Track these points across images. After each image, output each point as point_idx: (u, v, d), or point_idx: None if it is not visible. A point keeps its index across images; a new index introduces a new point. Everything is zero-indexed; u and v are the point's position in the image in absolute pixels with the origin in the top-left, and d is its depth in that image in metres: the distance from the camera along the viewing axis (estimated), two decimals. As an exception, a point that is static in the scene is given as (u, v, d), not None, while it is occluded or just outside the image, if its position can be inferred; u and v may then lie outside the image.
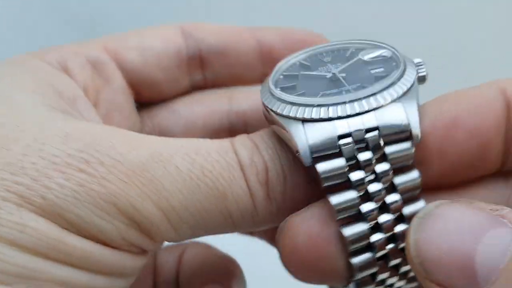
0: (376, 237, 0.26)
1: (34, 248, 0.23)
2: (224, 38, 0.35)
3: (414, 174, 0.26)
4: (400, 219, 0.26)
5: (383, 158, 0.26)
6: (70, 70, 0.32)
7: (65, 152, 0.25)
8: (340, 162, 0.25)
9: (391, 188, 0.26)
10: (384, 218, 0.26)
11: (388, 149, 0.25)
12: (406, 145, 0.25)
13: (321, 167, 0.25)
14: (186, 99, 0.36)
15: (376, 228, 0.26)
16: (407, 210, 0.26)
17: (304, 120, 0.26)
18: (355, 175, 0.25)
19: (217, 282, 0.35)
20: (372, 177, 0.26)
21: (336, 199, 0.25)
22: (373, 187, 0.26)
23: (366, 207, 0.26)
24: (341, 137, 0.25)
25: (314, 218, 0.26)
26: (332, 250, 0.26)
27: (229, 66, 0.35)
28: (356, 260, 0.26)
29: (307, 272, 0.26)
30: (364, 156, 0.25)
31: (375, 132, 0.25)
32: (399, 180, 0.26)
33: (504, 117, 0.26)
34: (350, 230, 0.25)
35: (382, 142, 0.25)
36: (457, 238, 0.22)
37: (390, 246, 0.26)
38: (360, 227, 0.26)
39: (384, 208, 0.26)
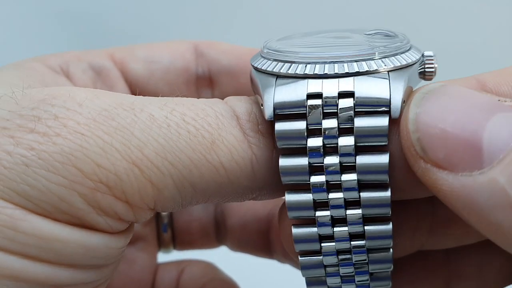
0: (320, 213, 0.24)
1: None
2: (236, 59, 0.34)
3: (382, 159, 0.23)
4: (352, 204, 0.24)
5: (350, 131, 0.23)
6: (71, 75, 0.32)
7: (17, 113, 0.22)
8: (300, 124, 0.23)
9: (349, 168, 0.23)
10: (335, 195, 0.24)
11: (359, 122, 0.23)
12: (381, 120, 0.23)
13: (279, 126, 0.23)
14: None
15: (321, 205, 0.24)
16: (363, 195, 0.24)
17: (278, 76, 0.24)
18: (313, 142, 0.23)
19: None
20: (330, 150, 0.23)
21: (285, 161, 0.23)
22: (328, 160, 0.23)
23: (315, 179, 0.24)
24: (310, 96, 0.23)
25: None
26: None
27: (238, 88, 0.34)
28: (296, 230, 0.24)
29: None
30: (329, 123, 0.23)
31: (350, 99, 0.23)
32: (361, 160, 0.23)
33: None
34: (293, 198, 0.24)
35: (352, 113, 0.23)
36: (464, 114, 0.21)
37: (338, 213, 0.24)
38: (304, 197, 0.24)
39: (334, 187, 0.24)
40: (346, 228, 0.24)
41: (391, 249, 0.25)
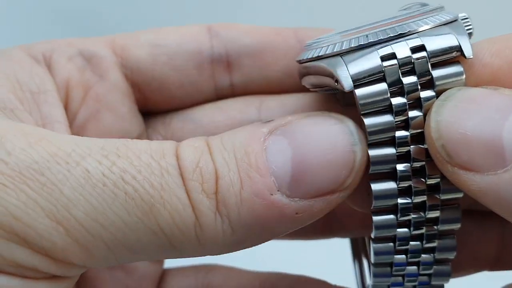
0: (401, 166, 0.24)
1: None
2: (260, 37, 0.31)
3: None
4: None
5: (429, 84, 0.24)
6: (53, 63, 0.29)
7: None
8: (382, 86, 0.23)
9: None
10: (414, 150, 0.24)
11: (436, 72, 0.24)
12: (456, 68, 0.24)
13: (360, 91, 0.23)
14: (207, 107, 0.31)
15: (404, 157, 0.24)
16: None
17: (343, 54, 0.24)
18: (397, 100, 0.24)
19: None
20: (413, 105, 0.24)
21: (370, 120, 0.24)
22: (413, 114, 0.24)
23: (401, 133, 0.24)
24: (384, 58, 0.23)
25: None
26: None
27: (263, 69, 0.31)
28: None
29: (360, 205, 0.26)
30: (409, 79, 0.23)
31: (423, 53, 0.23)
32: None
33: None
34: (376, 152, 0.24)
35: (429, 65, 0.23)
36: (482, 117, 0.22)
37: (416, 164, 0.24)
38: (388, 151, 0.24)
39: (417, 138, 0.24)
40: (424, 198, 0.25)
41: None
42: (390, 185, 0.25)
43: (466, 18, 0.26)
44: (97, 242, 0.22)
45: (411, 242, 0.26)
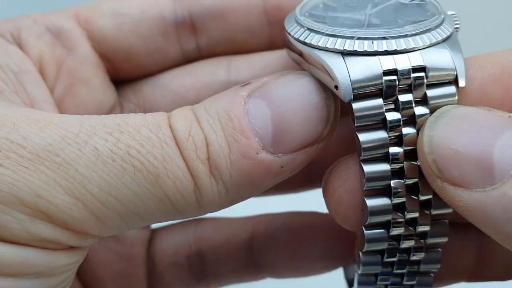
0: (395, 183, 0.25)
1: None
2: None
3: None
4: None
5: (423, 102, 0.24)
6: (23, 41, 0.29)
7: None
8: (378, 101, 0.24)
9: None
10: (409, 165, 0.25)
11: (431, 92, 0.24)
12: (450, 89, 0.24)
13: (358, 105, 0.24)
14: (176, 71, 0.32)
15: (397, 174, 0.25)
16: None
17: (345, 53, 0.24)
18: (392, 116, 0.24)
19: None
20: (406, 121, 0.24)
21: (364, 136, 0.24)
22: (406, 130, 0.24)
23: (394, 150, 0.24)
24: (386, 73, 0.24)
25: (354, 178, 0.25)
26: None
27: (227, 30, 0.31)
28: (371, 202, 0.25)
29: (350, 222, 0.26)
30: (405, 97, 0.24)
31: (422, 73, 0.24)
32: None
33: None
34: (370, 168, 0.25)
35: (425, 86, 0.24)
36: (475, 134, 0.22)
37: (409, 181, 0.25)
38: (382, 167, 0.25)
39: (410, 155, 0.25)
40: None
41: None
42: (385, 201, 0.25)
43: (454, 14, 0.27)
44: (111, 213, 0.23)
45: (398, 254, 0.27)
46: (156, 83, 0.32)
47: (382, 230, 0.26)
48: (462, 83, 0.24)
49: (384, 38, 0.24)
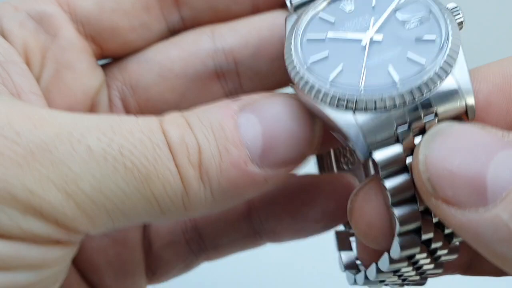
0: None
1: None
2: None
3: None
4: None
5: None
6: (6, 31, 0.29)
7: None
8: (397, 149, 0.24)
9: None
10: None
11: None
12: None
13: (379, 156, 0.24)
14: (160, 45, 0.31)
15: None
16: None
17: (354, 109, 0.24)
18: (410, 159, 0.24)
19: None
20: None
21: (391, 183, 0.25)
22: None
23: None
24: (399, 125, 0.24)
25: (378, 200, 0.26)
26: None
27: (212, 2, 0.31)
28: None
29: (380, 243, 0.27)
30: (418, 140, 0.24)
31: (432, 117, 0.24)
32: None
33: None
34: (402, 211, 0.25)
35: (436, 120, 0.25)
36: (469, 154, 0.22)
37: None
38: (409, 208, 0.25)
39: None
40: None
41: None
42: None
43: (456, 9, 0.26)
44: (100, 211, 0.24)
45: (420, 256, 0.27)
46: (141, 58, 0.31)
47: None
48: (472, 116, 0.25)
49: (392, 87, 0.24)
